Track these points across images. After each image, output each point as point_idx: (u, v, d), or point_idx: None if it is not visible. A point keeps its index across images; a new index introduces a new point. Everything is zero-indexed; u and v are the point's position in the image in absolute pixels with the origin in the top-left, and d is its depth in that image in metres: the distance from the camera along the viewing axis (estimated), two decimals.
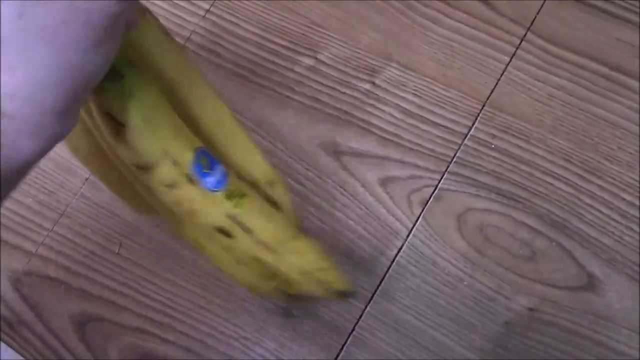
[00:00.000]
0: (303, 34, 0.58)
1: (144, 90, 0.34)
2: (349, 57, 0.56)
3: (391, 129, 0.54)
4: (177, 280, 0.52)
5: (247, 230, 0.36)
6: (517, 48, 0.55)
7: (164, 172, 0.34)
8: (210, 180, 0.35)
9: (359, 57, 0.56)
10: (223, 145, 0.40)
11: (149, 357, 0.50)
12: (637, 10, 0.55)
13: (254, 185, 0.40)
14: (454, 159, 0.52)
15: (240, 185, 0.37)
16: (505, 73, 0.54)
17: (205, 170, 0.35)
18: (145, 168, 0.34)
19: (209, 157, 0.36)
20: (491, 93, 0.54)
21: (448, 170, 0.52)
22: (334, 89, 0.56)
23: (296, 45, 0.57)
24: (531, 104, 0.53)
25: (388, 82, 0.55)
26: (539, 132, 0.52)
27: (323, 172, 0.53)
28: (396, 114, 0.54)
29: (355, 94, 0.55)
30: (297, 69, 0.57)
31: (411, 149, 0.53)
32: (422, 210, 0.51)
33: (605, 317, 0.47)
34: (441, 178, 0.52)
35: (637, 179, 0.50)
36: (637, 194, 0.50)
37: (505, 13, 0.56)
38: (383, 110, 0.54)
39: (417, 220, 0.51)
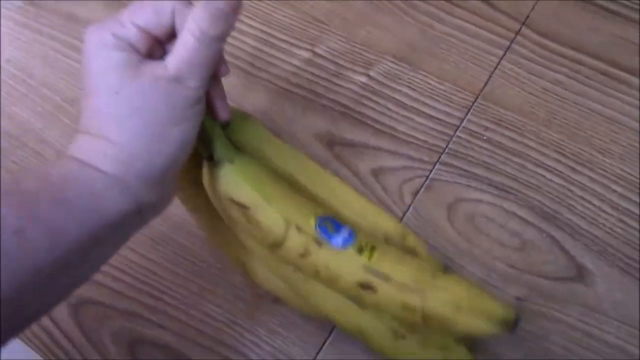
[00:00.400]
0: (304, 30, 0.58)
1: (255, 172, 0.39)
2: (346, 50, 0.57)
3: (385, 120, 0.54)
4: (172, 266, 0.52)
5: (386, 279, 0.37)
6: (511, 42, 0.55)
7: (293, 240, 0.37)
8: (338, 239, 0.38)
9: (355, 51, 0.57)
10: (346, 216, 0.42)
11: (141, 341, 0.50)
12: (633, 6, 0.55)
13: (387, 241, 0.42)
14: (446, 150, 0.52)
15: (369, 239, 0.38)
16: (499, 67, 0.54)
17: (330, 232, 0.38)
18: (278, 245, 0.38)
19: (333, 221, 0.39)
20: (484, 86, 0.54)
21: (440, 160, 0.52)
22: (329, 81, 0.56)
23: (296, 39, 0.58)
24: (525, 97, 0.53)
25: (383, 75, 0.56)
26: (532, 125, 0.52)
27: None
28: (390, 106, 0.54)
29: (351, 86, 0.56)
30: (294, 61, 0.57)
31: (405, 140, 0.53)
32: (413, 200, 0.51)
33: (596, 309, 0.47)
34: (432, 168, 0.52)
35: (629, 171, 0.50)
36: (629, 187, 0.50)
37: (501, 8, 0.56)
38: (378, 103, 0.55)
39: (407, 210, 0.51)
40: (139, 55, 0.33)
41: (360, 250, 0.37)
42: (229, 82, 0.56)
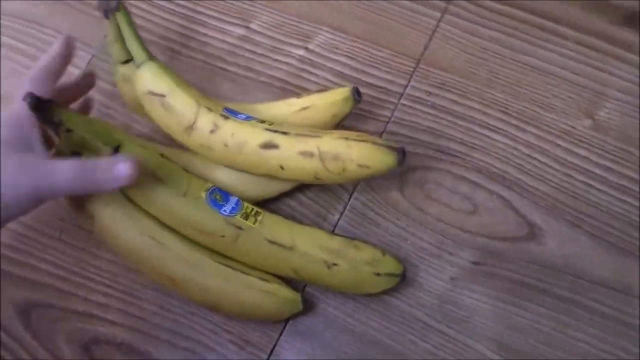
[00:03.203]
0: (235, 5, 0.53)
1: (170, 71, 0.43)
2: (280, 24, 0.52)
3: None
4: (120, 260, 0.48)
5: (284, 133, 0.41)
6: (448, 3, 0.51)
7: (203, 118, 0.42)
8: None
9: (290, 24, 0.52)
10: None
11: (96, 340, 0.46)
12: None
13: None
14: (392, 119, 0.49)
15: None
16: (437, 29, 0.51)
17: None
18: (190, 126, 0.42)
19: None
20: (424, 50, 0.50)
21: (386, 130, 0.48)
22: (267, 57, 0.52)
23: (226, 15, 0.53)
24: (465, 58, 0.50)
25: (321, 47, 0.51)
26: (474, 86, 0.49)
27: None
28: (330, 77, 0.50)
29: (289, 60, 0.51)
30: (228, 39, 0.52)
31: None
32: None
33: (549, 265, 0.45)
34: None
35: (572, 124, 0.47)
36: (573, 140, 0.47)
37: None
38: (317, 75, 0.51)
39: (358, 183, 0.47)
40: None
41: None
42: (167, 65, 0.51)
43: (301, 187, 0.47)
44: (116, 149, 0.40)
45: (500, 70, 0.49)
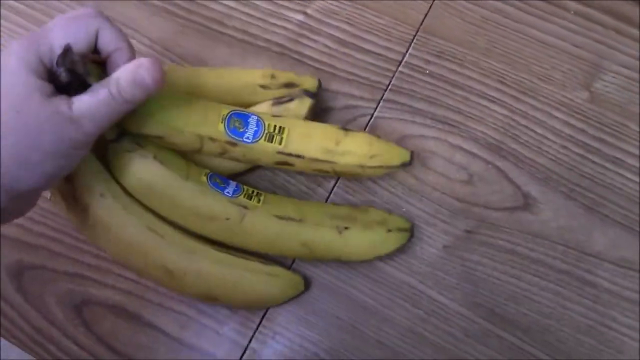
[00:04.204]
0: None
1: (157, 103, 0.37)
2: None
3: (325, 59, 0.50)
4: (113, 258, 0.47)
5: (298, 156, 0.40)
6: None
7: (210, 148, 0.39)
8: (248, 135, 0.39)
9: None
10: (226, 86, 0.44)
11: (87, 302, 0.46)
12: None
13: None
14: (389, 87, 0.48)
15: (277, 121, 0.40)
16: None
17: (240, 130, 0.39)
18: (198, 151, 0.40)
19: (239, 115, 0.39)
20: (424, 18, 0.50)
21: (383, 98, 0.48)
22: (265, 21, 0.51)
23: None
24: (464, 27, 0.50)
25: (320, 12, 0.51)
26: (472, 55, 0.49)
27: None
28: (329, 43, 0.50)
29: (288, 25, 0.51)
30: (227, 2, 0.52)
31: (346, 78, 0.49)
32: None
33: (542, 236, 0.45)
34: (377, 106, 0.48)
35: (570, 97, 0.47)
36: (571, 113, 0.47)
37: None
38: (316, 41, 0.50)
39: None
40: (52, 87, 0.32)
41: (270, 139, 0.39)
42: (162, 28, 0.51)
43: None
44: (121, 134, 0.39)
45: (500, 41, 0.49)
